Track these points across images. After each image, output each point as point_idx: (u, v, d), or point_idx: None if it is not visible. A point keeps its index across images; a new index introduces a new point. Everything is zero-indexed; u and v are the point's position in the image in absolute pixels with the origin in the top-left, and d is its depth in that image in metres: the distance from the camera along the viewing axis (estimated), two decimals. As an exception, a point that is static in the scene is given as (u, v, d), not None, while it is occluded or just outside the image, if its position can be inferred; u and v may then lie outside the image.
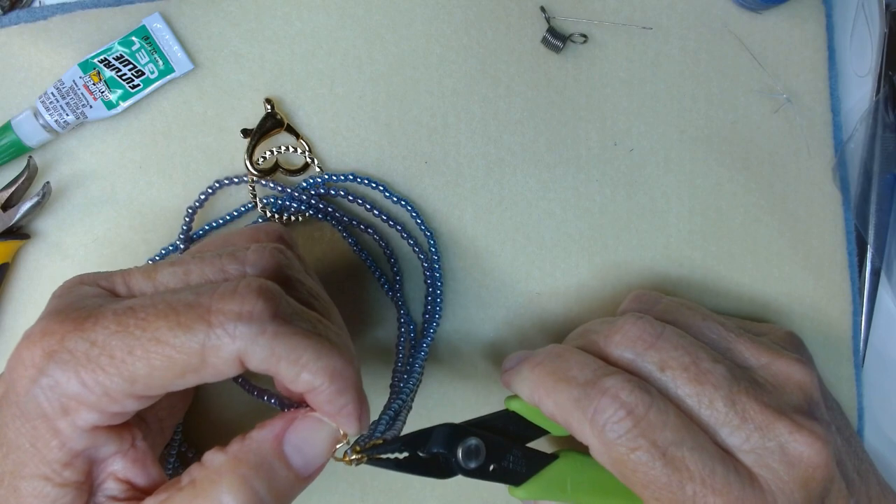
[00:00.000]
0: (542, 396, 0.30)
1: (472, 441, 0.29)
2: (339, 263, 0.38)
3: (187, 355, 0.23)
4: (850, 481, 0.31)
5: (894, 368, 0.40)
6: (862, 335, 0.39)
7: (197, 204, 0.37)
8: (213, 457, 0.25)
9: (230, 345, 0.23)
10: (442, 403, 0.39)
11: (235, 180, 0.37)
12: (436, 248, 0.38)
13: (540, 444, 0.32)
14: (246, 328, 0.23)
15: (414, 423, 0.39)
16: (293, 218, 0.37)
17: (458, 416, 0.39)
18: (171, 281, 0.26)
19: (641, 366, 0.29)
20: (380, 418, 0.30)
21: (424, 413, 0.39)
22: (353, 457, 0.28)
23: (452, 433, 0.29)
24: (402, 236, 0.37)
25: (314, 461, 0.26)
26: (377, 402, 0.31)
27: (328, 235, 0.38)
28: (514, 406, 0.31)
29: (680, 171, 0.38)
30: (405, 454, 0.29)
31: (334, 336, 0.26)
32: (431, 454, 0.29)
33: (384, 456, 0.28)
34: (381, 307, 0.38)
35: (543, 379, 0.30)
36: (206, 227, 0.37)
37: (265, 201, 0.37)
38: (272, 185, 0.37)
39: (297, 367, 0.24)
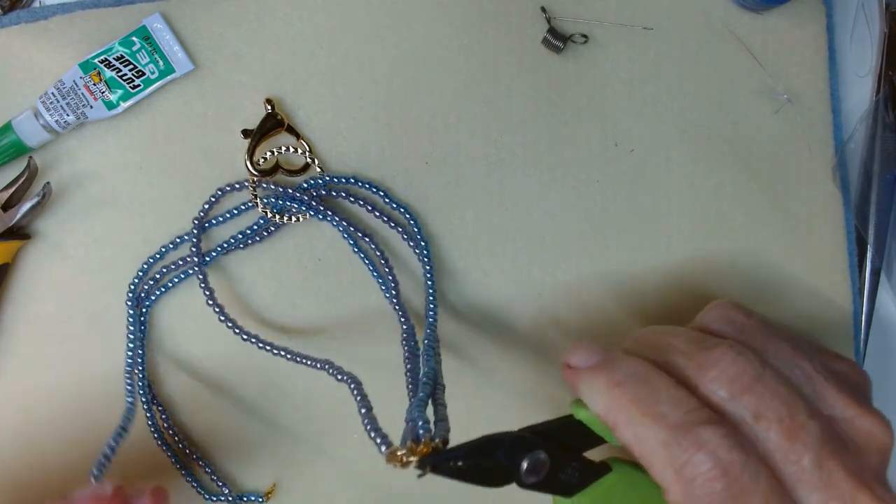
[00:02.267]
0: (622, 424, 0.27)
1: (540, 455, 0.27)
2: (340, 264, 0.38)
3: None
4: None
5: (894, 368, 0.40)
6: (862, 335, 0.39)
7: (202, 214, 0.37)
8: None
9: None
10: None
11: (237, 186, 0.37)
12: (429, 258, 0.37)
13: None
14: None
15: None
16: (293, 219, 0.37)
17: (462, 416, 0.39)
18: None
19: (734, 409, 0.27)
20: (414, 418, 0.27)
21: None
22: (417, 466, 0.26)
23: (518, 444, 0.27)
24: (403, 237, 0.37)
25: None
26: (397, 406, 0.30)
27: (328, 236, 0.38)
28: (583, 416, 0.29)
29: (681, 172, 0.38)
30: (468, 461, 0.26)
31: None
32: (494, 464, 0.27)
33: (449, 458, 0.26)
34: (385, 308, 0.38)
35: (626, 405, 0.27)
36: (207, 225, 0.37)
37: (265, 201, 0.37)
38: (273, 185, 0.37)
39: None
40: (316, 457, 0.39)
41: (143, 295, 0.38)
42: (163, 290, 0.38)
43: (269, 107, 0.37)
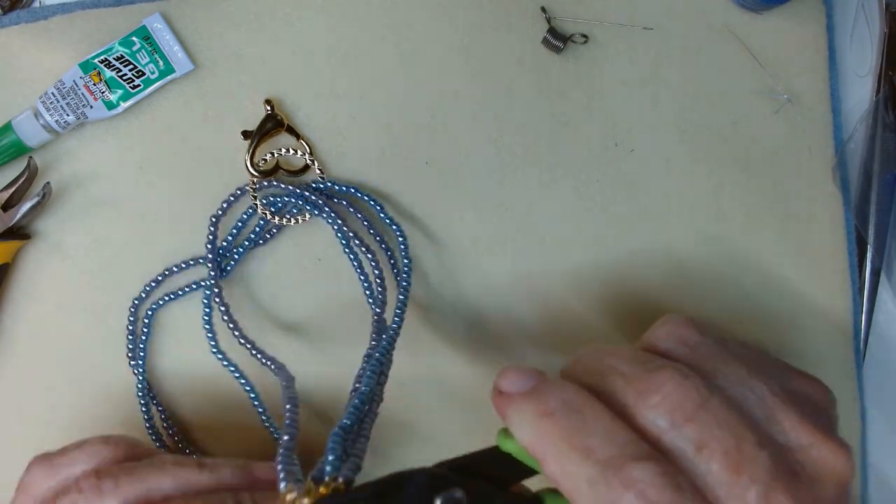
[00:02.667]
0: (548, 457, 0.25)
1: (456, 494, 0.24)
2: (340, 264, 0.38)
3: None
4: None
5: (894, 368, 0.40)
6: (862, 335, 0.39)
7: (220, 212, 0.37)
8: None
9: None
10: (441, 409, 0.39)
11: (239, 192, 0.37)
12: (408, 281, 0.36)
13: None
14: None
15: (406, 423, 0.39)
16: (293, 220, 0.37)
17: (455, 419, 0.39)
18: None
19: (674, 440, 0.25)
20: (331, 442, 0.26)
21: (424, 416, 0.39)
22: (305, 501, 0.24)
23: (431, 482, 0.24)
24: (387, 255, 0.37)
25: None
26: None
27: (328, 236, 0.38)
28: (510, 447, 0.27)
29: (681, 172, 0.38)
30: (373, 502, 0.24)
31: None
32: None
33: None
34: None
35: (554, 438, 0.25)
36: (221, 250, 0.38)
37: (265, 201, 0.37)
38: (275, 183, 0.37)
39: None
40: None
41: (143, 296, 0.38)
42: (172, 297, 0.38)
43: (269, 107, 0.37)
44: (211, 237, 0.37)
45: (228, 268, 0.37)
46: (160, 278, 0.38)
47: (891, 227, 0.38)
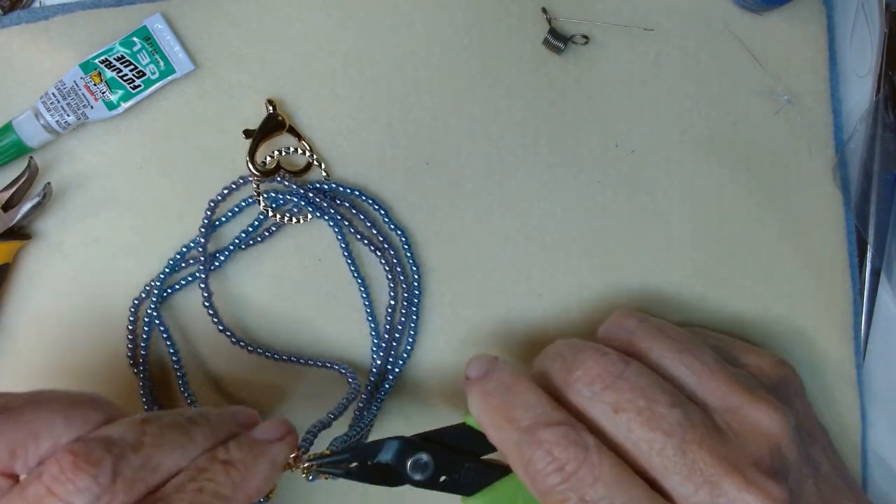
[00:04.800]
0: (489, 428, 0.30)
1: (422, 456, 0.30)
2: (340, 264, 0.38)
3: None
4: None
5: (894, 368, 0.40)
6: (862, 335, 0.39)
7: (219, 198, 0.37)
8: None
9: None
10: (437, 404, 0.39)
11: (241, 181, 0.37)
12: (419, 284, 0.38)
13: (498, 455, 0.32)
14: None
15: (408, 424, 0.39)
16: (294, 219, 0.37)
17: (454, 418, 0.39)
18: None
19: (595, 407, 0.29)
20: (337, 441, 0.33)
21: (426, 413, 0.39)
22: (305, 465, 0.31)
23: (403, 447, 0.30)
24: (393, 261, 0.37)
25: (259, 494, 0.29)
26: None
27: (328, 236, 0.38)
28: (472, 422, 0.31)
29: (681, 172, 0.38)
30: (355, 463, 0.30)
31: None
32: (380, 465, 0.30)
33: (333, 463, 0.30)
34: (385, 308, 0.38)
35: (490, 412, 0.30)
36: (216, 224, 0.38)
37: (266, 196, 0.37)
38: (279, 179, 0.37)
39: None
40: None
41: (143, 295, 0.38)
42: (170, 290, 0.38)
43: (271, 107, 0.37)
44: (206, 220, 0.37)
45: (222, 257, 0.37)
46: (160, 278, 0.38)
47: (891, 227, 0.38)
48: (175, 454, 0.27)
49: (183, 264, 0.38)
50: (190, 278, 0.38)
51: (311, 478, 0.31)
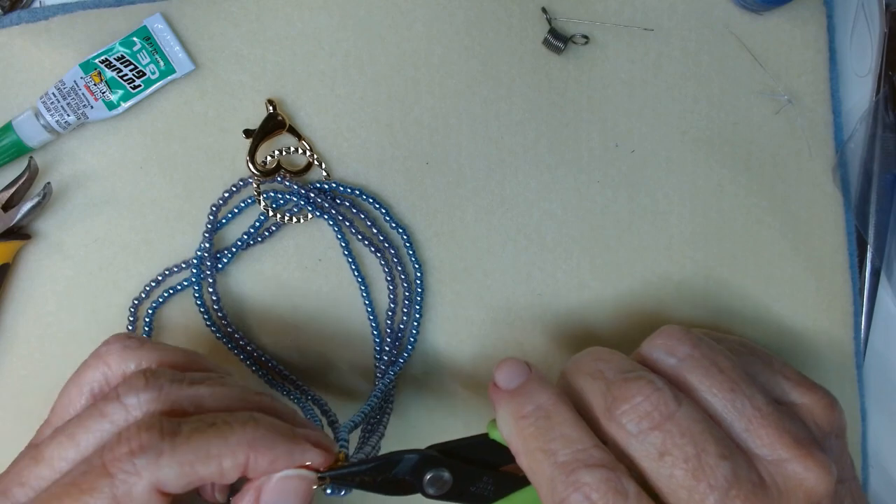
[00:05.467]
0: (520, 453, 0.28)
1: (442, 473, 0.29)
2: (340, 264, 0.38)
3: None
4: None
5: (894, 368, 0.40)
6: (862, 335, 0.39)
7: (221, 202, 0.37)
8: None
9: (139, 482, 0.25)
10: (440, 404, 0.39)
11: (242, 183, 0.37)
12: (421, 281, 0.38)
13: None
14: (143, 460, 0.25)
15: (413, 421, 0.39)
16: (294, 219, 0.37)
17: (456, 419, 0.39)
18: (61, 454, 0.27)
19: (638, 445, 0.27)
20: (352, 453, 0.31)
21: (426, 414, 0.39)
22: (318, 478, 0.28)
23: (421, 462, 0.29)
24: (394, 261, 0.37)
25: None
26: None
27: (328, 236, 0.38)
28: (496, 436, 0.30)
29: (681, 173, 0.38)
30: (366, 477, 0.29)
31: (229, 417, 0.27)
32: (395, 478, 0.29)
33: (349, 475, 0.29)
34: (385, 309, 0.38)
35: (524, 438, 0.28)
36: (218, 225, 0.38)
37: (266, 196, 0.37)
38: (279, 179, 0.37)
39: (214, 461, 0.26)
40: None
41: (143, 296, 0.38)
42: (170, 292, 0.38)
43: (271, 107, 0.37)
44: (209, 225, 0.37)
45: (225, 259, 0.37)
46: (160, 278, 0.38)
47: (891, 227, 0.38)
48: (216, 401, 0.28)
49: (183, 265, 0.38)
50: (192, 279, 0.38)
51: (328, 491, 0.29)
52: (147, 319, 0.38)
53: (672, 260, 0.39)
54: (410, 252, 0.38)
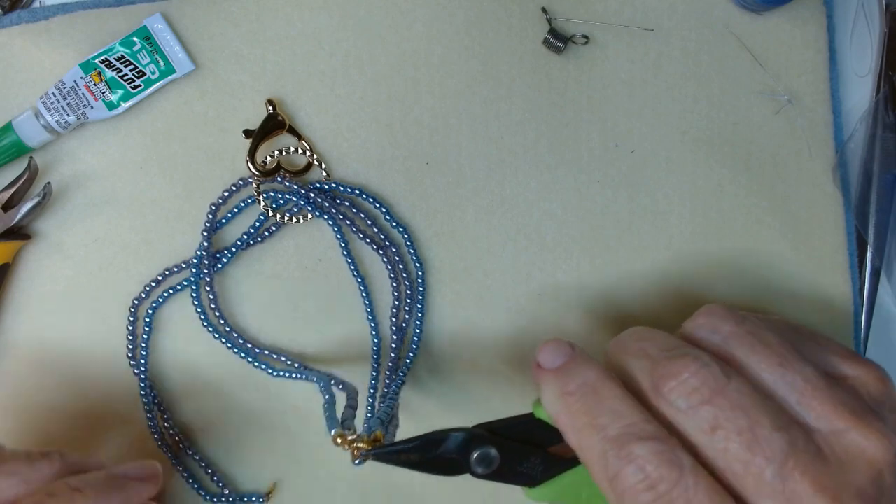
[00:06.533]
0: (569, 430, 0.28)
1: (490, 451, 0.28)
2: (340, 264, 0.38)
3: None
4: None
5: (894, 368, 0.40)
6: (862, 335, 0.39)
7: (220, 201, 0.37)
8: None
9: None
10: (442, 404, 0.39)
11: (241, 182, 0.37)
12: (423, 279, 0.38)
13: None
14: None
15: (413, 422, 0.39)
16: (294, 219, 0.37)
17: (459, 418, 0.39)
18: None
19: (688, 421, 0.27)
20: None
21: (425, 414, 0.39)
22: (358, 446, 0.28)
23: (468, 439, 0.28)
24: (396, 258, 0.38)
25: None
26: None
27: (329, 236, 0.38)
28: (542, 415, 0.30)
29: (681, 173, 0.38)
30: (411, 455, 0.28)
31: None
32: (442, 457, 0.28)
33: (393, 452, 0.28)
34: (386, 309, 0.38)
35: (571, 414, 0.28)
36: (217, 226, 0.38)
37: (266, 196, 0.37)
38: (279, 179, 0.37)
39: None
40: (316, 456, 0.39)
41: (143, 296, 0.38)
42: (170, 292, 0.38)
43: (271, 107, 0.37)
44: (208, 224, 0.37)
45: (225, 259, 0.37)
46: (160, 278, 0.38)
47: (891, 227, 0.38)
48: (12, 480, 0.29)
49: (183, 265, 0.38)
50: (192, 279, 0.38)
51: (357, 462, 0.29)
52: (147, 319, 0.38)
53: (672, 260, 0.39)
54: (411, 250, 0.38)
